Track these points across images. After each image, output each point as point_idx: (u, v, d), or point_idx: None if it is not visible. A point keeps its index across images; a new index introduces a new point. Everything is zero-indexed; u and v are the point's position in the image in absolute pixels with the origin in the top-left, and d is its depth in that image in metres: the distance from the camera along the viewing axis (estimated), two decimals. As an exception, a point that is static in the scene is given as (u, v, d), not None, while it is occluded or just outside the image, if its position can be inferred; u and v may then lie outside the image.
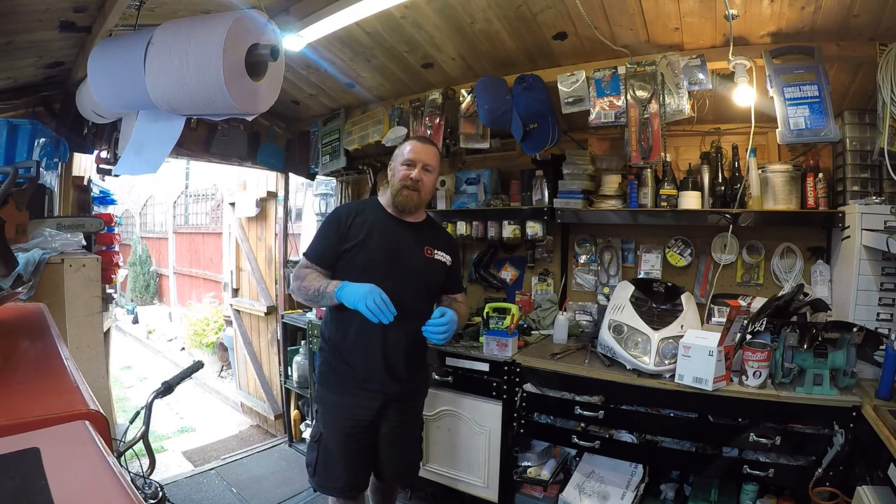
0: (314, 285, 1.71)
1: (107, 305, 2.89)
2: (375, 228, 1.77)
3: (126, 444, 1.26)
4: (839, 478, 1.65)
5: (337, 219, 1.79)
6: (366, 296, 1.56)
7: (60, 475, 0.44)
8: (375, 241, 1.75)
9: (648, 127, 2.08)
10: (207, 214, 8.28)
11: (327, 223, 1.81)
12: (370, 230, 1.76)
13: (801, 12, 1.78)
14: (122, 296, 8.91)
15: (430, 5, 2.03)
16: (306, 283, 1.73)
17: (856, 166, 2.01)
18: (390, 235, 1.79)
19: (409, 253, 1.81)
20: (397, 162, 1.81)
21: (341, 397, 1.76)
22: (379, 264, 1.73)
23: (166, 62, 1.33)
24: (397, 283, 1.71)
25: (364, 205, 1.87)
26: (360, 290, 1.59)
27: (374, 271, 1.71)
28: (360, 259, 1.73)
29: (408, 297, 1.72)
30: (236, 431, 4.12)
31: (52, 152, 2.35)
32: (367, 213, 1.81)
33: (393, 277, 1.71)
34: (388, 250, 1.76)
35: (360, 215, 1.79)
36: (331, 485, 1.79)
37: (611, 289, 2.62)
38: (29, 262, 1.74)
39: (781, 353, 1.78)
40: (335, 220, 1.79)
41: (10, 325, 1.05)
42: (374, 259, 1.73)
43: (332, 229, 1.77)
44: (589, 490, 2.09)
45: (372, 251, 1.74)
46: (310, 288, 1.71)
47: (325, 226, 1.82)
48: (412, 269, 1.80)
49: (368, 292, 1.57)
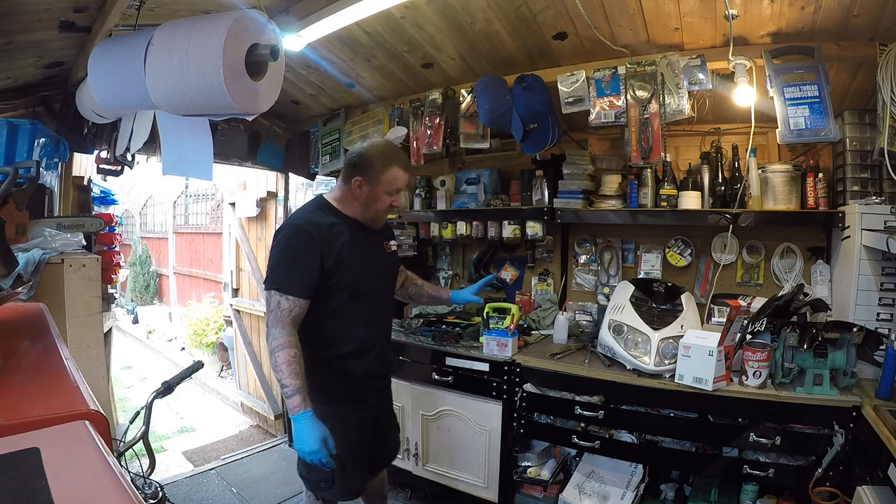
0: (285, 373, 1.49)
1: (108, 305, 2.89)
2: (349, 240, 1.62)
3: (126, 444, 1.25)
4: (839, 478, 1.65)
5: (309, 239, 1.56)
6: (313, 452, 1.48)
7: (60, 475, 0.44)
8: (356, 254, 1.63)
9: (648, 127, 2.08)
10: (207, 214, 8.28)
11: (299, 247, 1.56)
12: (348, 244, 1.61)
13: (801, 12, 1.78)
14: (122, 296, 8.91)
15: (430, 5, 2.03)
16: (280, 359, 1.50)
17: (856, 166, 2.01)
18: (364, 243, 1.69)
19: (381, 256, 1.78)
20: (382, 189, 1.64)
21: (343, 406, 1.70)
22: (366, 277, 1.67)
23: (166, 62, 1.33)
24: (380, 291, 1.78)
25: (322, 214, 1.65)
26: (309, 444, 1.48)
27: (364, 285, 1.66)
28: (347, 279, 1.61)
29: (387, 299, 1.85)
30: (236, 431, 4.12)
31: (52, 152, 2.35)
32: (335, 225, 1.62)
33: (377, 288, 1.75)
34: (369, 260, 1.70)
35: (330, 228, 1.60)
36: (354, 488, 1.75)
37: (611, 289, 2.62)
38: (29, 262, 1.74)
39: (781, 353, 1.78)
40: (308, 242, 1.56)
41: (10, 325, 1.05)
42: (360, 275, 1.65)
43: (308, 252, 1.56)
44: (589, 490, 2.09)
45: (357, 268, 1.63)
46: (281, 370, 1.50)
47: (296, 250, 1.57)
48: (386, 271, 1.82)
49: (319, 450, 1.48)
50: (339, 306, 1.63)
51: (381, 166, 1.62)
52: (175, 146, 1.70)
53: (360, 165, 1.63)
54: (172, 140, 1.69)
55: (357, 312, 1.67)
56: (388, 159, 1.64)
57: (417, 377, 2.45)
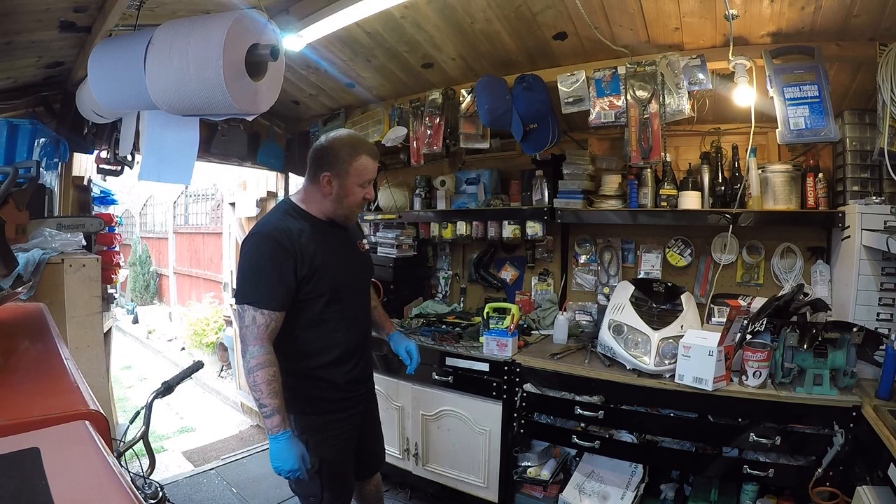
0: (264, 393, 1.42)
1: (108, 305, 2.89)
2: (321, 244, 1.55)
3: (126, 444, 1.26)
4: (839, 478, 1.65)
5: (279, 248, 1.46)
6: (292, 471, 1.44)
7: (60, 475, 0.44)
8: (329, 258, 1.55)
9: (648, 127, 2.08)
10: (207, 214, 8.29)
11: (269, 258, 1.46)
12: (320, 248, 1.54)
13: (801, 12, 1.78)
14: (122, 296, 8.91)
15: (430, 5, 2.03)
16: (259, 378, 1.42)
17: (856, 166, 2.01)
18: (336, 246, 1.62)
19: (355, 259, 1.71)
20: (353, 182, 1.56)
21: (329, 416, 1.63)
22: (342, 281, 1.60)
23: (166, 62, 1.33)
24: (357, 294, 1.70)
25: (290, 219, 1.56)
26: (288, 463, 1.43)
27: (340, 294, 1.59)
28: (323, 285, 1.53)
29: (364, 302, 1.77)
30: (236, 431, 4.12)
31: (52, 152, 2.35)
32: (304, 230, 1.53)
33: (353, 291, 1.67)
34: (343, 263, 1.62)
35: (300, 234, 1.51)
36: (343, 501, 1.70)
37: (611, 289, 2.62)
38: (29, 262, 1.74)
39: (781, 353, 1.78)
40: (278, 251, 1.46)
41: (10, 325, 1.05)
42: (335, 279, 1.57)
43: (279, 263, 1.46)
44: (589, 490, 2.09)
45: (331, 272, 1.55)
46: (260, 389, 1.42)
47: (267, 261, 1.47)
48: (360, 270, 1.75)
49: (298, 468, 1.44)
50: (318, 314, 1.55)
51: (349, 157, 1.54)
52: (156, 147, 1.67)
53: (326, 160, 1.55)
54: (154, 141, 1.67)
55: (336, 318, 1.59)
56: (354, 149, 1.55)
57: (417, 377, 2.44)
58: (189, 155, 1.64)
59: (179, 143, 1.63)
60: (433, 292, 3.23)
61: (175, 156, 1.65)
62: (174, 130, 1.61)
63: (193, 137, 1.61)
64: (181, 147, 1.64)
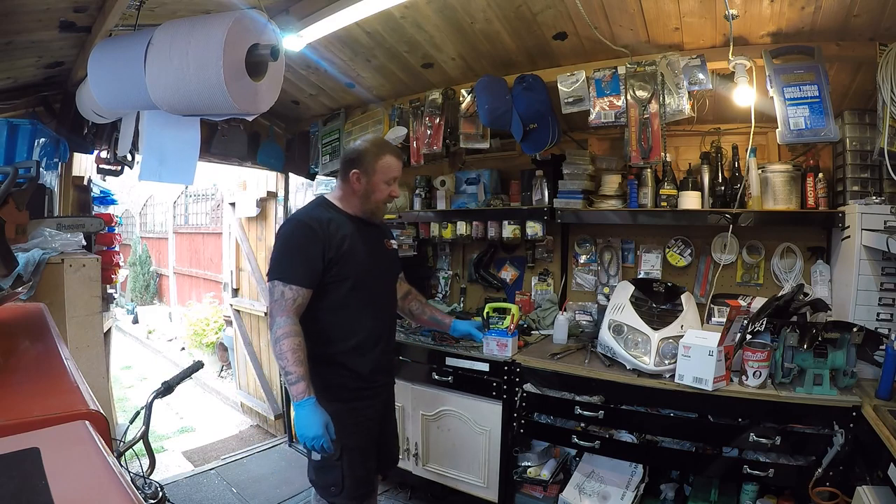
0: (290, 360, 1.52)
1: (107, 305, 2.89)
2: (349, 235, 1.68)
3: (126, 444, 1.26)
4: (839, 478, 1.65)
5: (310, 231, 1.62)
6: (317, 437, 1.51)
7: (60, 475, 0.44)
8: (356, 248, 1.68)
9: (648, 127, 2.08)
10: (207, 214, 8.28)
11: (301, 239, 1.63)
12: (348, 237, 1.67)
13: (801, 12, 1.78)
14: (122, 296, 8.91)
15: (430, 5, 2.03)
16: (284, 346, 1.53)
17: (856, 166, 2.01)
18: (364, 239, 1.73)
19: (382, 253, 1.84)
20: (379, 178, 1.72)
21: (351, 403, 1.70)
22: (366, 271, 1.71)
23: (166, 62, 1.33)
24: (382, 286, 1.82)
25: (323, 210, 1.72)
26: (313, 429, 1.51)
27: (365, 278, 1.70)
28: (348, 270, 1.65)
29: (389, 294, 1.89)
30: (236, 431, 4.12)
31: (52, 152, 2.35)
32: (335, 220, 1.68)
33: (378, 281, 1.79)
34: (369, 255, 1.73)
35: (331, 224, 1.66)
36: (363, 491, 1.74)
37: (611, 289, 2.62)
38: (29, 262, 1.74)
39: (781, 353, 1.78)
40: (309, 234, 1.62)
41: (10, 325, 1.05)
42: (360, 267, 1.69)
43: (310, 244, 1.61)
44: (589, 490, 2.09)
45: (357, 260, 1.68)
46: (286, 357, 1.53)
47: (298, 242, 1.63)
48: (386, 267, 1.86)
49: (322, 435, 1.51)
50: (342, 298, 1.67)
51: (375, 156, 1.72)
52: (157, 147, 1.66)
53: (355, 159, 1.73)
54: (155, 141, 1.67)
55: (360, 305, 1.69)
56: (381, 149, 1.75)
57: (417, 377, 2.45)
58: (191, 155, 1.64)
59: (180, 143, 1.63)
60: (433, 292, 3.23)
61: (176, 156, 1.65)
62: (174, 131, 1.61)
63: (195, 137, 1.61)
64: (182, 147, 1.64)
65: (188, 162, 1.65)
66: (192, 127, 1.60)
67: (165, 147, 1.66)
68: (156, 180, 1.71)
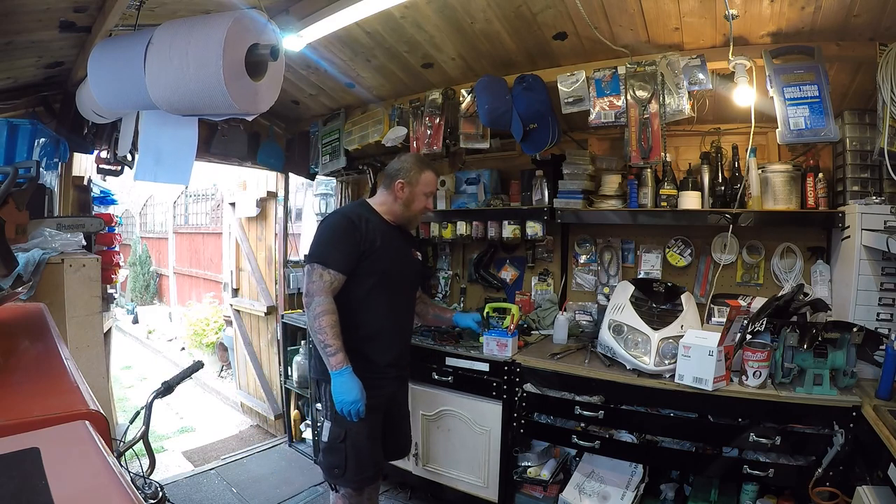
0: (329, 334, 1.70)
1: (107, 305, 2.89)
2: (382, 235, 1.85)
3: (126, 444, 1.26)
4: (839, 478, 1.65)
5: (351, 224, 1.80)
6: (355, 402, 1.70)
7: (60, 475, 0.44)
8: (386, 247, 1.85)
9: (648, 127, 2.08)
10: (207, 214, 8.28)
11: (341, 229, 1.81)
12: (381, 236, 1.84)
13: (801, 12, 1.78)
14: (122, 296, 8.91)
15: (430, 5, 2.03)
16: (324, 322, 1.71)
17: (856, 166, 2.01)
18: (394, 242, 1.91)
19: (408, 260, 1.99)
20: (419, 190, 1.92)
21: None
22: (392, 269, 1.87)
23: (166, 62, 1.33)
24: (403, 289, 1.97)
25: (363, 210, 1.90)
26: (351, 395, 1.70)
27: (390, 275, 1.86)
28: (376, 265, 1.82)
29: (409, 298, 2.04)
30: (236, 431, 4.12)
31: (52, 152, 2.35)
32: (372, 220, 1.86)
33: (401, 284, 1.94)
34: (396, 256, 1.91)
35: (367, 221, 1.84)
36: (365, 475, 1.85)
37: (611, 289, 2.62)
38: (29, 262, 1.74)
39: (781, 353, 1.78)
40: (349, 226, 1.80)
41: (10, 325, 1.05)
42: (387, 265, 1.85)
43: (348, 235, 1.79)
44: (589, 490, 2.09)
45: (386, 258, 1.84)
46: (325, 332, 1.70)
47: (338, 232, 1.81)
48: (410, 271, 2.01)
49: (359, 399, 1.70)
50: (366, 292, 1.82)
51: (419, 171, 1.94)
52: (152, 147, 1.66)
53: (401, 171, 1.93)
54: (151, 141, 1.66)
55: (381, 302, 1.85)
56: (424, 165, 1.98)
57: (418, 377, 2.44)
58: (187, 155, 1.63)
59: (177, 143, 1.62)
60: (433, 292, 3.23)
61: (172, 156, 1.64)
62: (171, 130, 1.60)
63: (192, 137, 1.61)
64: (179, 147, 1.63)
65: (184, 162, 1.64)
66: (190, 127, 1.59)
67: (162, 147, 1.65)
68: (151, 180, 1.71)
